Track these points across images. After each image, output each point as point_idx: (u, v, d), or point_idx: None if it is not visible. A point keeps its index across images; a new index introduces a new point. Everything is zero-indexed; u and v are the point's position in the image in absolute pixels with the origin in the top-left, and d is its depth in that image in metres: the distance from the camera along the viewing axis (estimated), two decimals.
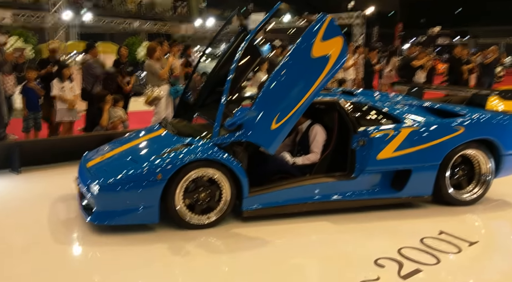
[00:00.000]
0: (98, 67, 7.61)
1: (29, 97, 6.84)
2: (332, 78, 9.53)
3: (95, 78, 7.56)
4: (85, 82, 7.56)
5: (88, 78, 7.54)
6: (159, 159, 3.71)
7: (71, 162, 5.72)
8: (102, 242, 3.60)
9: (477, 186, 4.53)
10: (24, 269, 3.16)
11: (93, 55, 7.78)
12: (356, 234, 3.84)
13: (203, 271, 3.20)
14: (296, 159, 4.38)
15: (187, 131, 4.38)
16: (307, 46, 3.83)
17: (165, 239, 3.66)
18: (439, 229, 3.91)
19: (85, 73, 7.61)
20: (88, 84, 7.52)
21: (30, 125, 6.85)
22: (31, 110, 6.84)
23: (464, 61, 12.53)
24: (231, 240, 3.70)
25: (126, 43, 26.27)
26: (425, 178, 4.31)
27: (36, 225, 3.93)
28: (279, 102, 3.82)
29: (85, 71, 7.62)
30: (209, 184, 3.84)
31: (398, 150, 4.19)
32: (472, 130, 4.39)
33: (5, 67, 6.08)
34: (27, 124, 6.81)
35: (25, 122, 6.87)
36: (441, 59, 24.60)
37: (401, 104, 4.73)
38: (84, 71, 7.63)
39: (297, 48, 3.86)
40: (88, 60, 7.65)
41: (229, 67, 4.14)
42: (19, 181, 5.22)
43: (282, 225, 3.97)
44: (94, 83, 7.55)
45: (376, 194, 4.30)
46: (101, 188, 3.62)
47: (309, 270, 3.23)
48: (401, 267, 3.22)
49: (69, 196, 4.59)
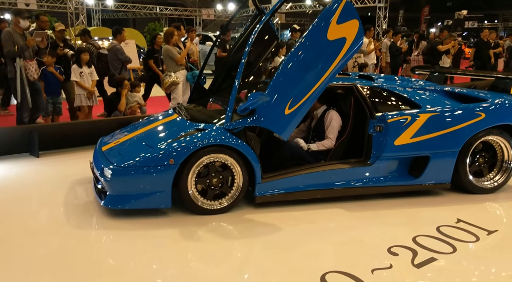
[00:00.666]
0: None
1: (48, 82, 6.91)
2: (355, 63, 9.41)
3: (123, 63, 7.62)
4: (113, 67, 7.57)
5: (116, 63, 7.57)
6: (172, 144, 3.70)
7: (89, 147, 5.81)
8: (116, 226, 3.63)
9: (499, 174, 4.39)
10: (39, 252, 3.21)
11: (120, 40, 7.76)
12: (371, 222, 3.77)
13: (215, 256, 3.19)
14: (310, 145, 4.31)
15: (201, 116, 4.36)
16: (322, 29, 3.72)
17: (177, 224, 3.66)
18: (457, 217, 3.81)
19: (112, 58, 7.60)
20: (115, 69, 7.56)
21: (49, 109, 6.94)
22: (50, 95, 6.92)
23: (493, 45, 12.15)
24: (244, 226, 3.68)
25: (147, 29, 26.42)
26: (444, 165, 4.19)
27: (53, 208, 4.00)
28: (293, 87, 3.75)
29: (112, 56, 7.60)
30: (222, 170, 3.81)
31: (416, 136, 4.08)
32: (494, 116, 4.23)
33: (27, 52, 6.13)
34: (46, 108, 6.91)
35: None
36: (467, 44, 23.92)
37: (421, 89, 4.59)
38: (112, 56, 7.61)
39: (312, 31, 3.76)
40: (116, 45, 7.66)
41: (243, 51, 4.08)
42: (38, 165, 5.31)
43: (295, 211, 3.93)
44: (121, 69, 7.62)
45: (393, 181, 4.20)
46: (114, 172, 3.64)
47: (321, 257, 3.18)
48: (415, 256, 3.14)
49: (86, 180, 4.66)
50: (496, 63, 12.72)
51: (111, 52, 7.62)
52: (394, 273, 2.92)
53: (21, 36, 6.15)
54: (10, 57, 6.09)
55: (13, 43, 6.01)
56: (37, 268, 2.98)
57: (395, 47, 10.97)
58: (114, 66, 7.55)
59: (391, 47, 10.93)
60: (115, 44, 7.67)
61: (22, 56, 6.10)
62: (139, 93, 7.09)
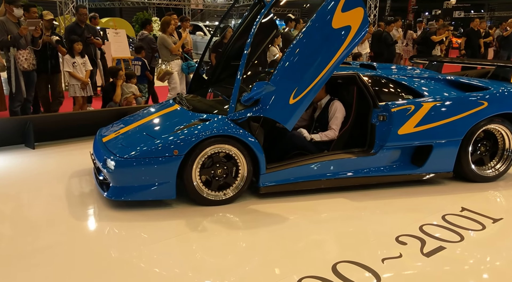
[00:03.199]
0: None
1: None
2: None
3: (154, 52, 8.00)
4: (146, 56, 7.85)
5: (147, 52, 7.90)
6: (175, 135, 3.64)
7: (84, 138, 5.73)
8: (119, 218, 3.57)
9: (500, 162, 4.42)
10: (41, 244, 3.14)
11: (149, 30, 8.39)
12: (375, 211, 3.77)
13: (220, 247, 3.16)
14: (313, 136, 4.28)
15: (203, 106, 4.29)
16: (326, 17, 3.67)
17: (182, 215, 3.62)
18: (461, 206, 3.83)
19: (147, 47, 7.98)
20: (147, 58, 7.83)
21: None
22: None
23: (483, 35, 12.20)
24: (248, 216, 3.65)
25: (135, 19, 26.07)
26: (447, 154, 4.20)
27: (52, 201, 3.92)
28: (297, 76, 3.70)
29: (145, 45, 7.97)
30: (226, 160, 3.77)
31: (419, 125, 4.08)
32: (496, 104, 4.24)
33: (20, 41, 5.97)
34: None
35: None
36: (457, 34, 24.02)
37: (423, 78, 4.58)
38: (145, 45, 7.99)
39: (316, 19, 3.71)
40: (147, 35, 8.14)
41: (243, 41, 4.01)
42: (34, 156, 5.21)
43: (299, 202, 3.91)
44: (152, 58, 8.02)
45: (396, 171, 4.20)
46: (117, 164, 3.57)
47: (327, 247, 3.17)
48: (424, 245, 3.15)
49: (84, 172, 4.58)
50: (486, 52, 12.80)
51: (144, 42, 8.05)
52: (404, 262, 2.92)
53: (15, 24, 5.99)
54: (2, 46, 5.95)
55: (6, 32, 5.86)
56: (37, 261, 2.91)
57: (388, 37, 10.91)
58: (147, 55, 7.87)
59: (385, 38, 10.84)
60: (147, 34, 8.29)
61: (16, 45, 5.95)
62: (134, 84, 6.97)
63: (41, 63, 6.57)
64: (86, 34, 7.56)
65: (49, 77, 6.94)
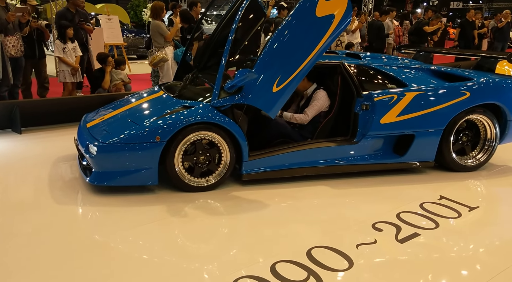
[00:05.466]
0: None
1: None
2: (338, 42, 9.36)
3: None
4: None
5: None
6: (158, 121, 3.67)
7: (71, 124, 5.73)
8: (102, 203, 3.61)
9: (481, 152, 4.47)
10: (24, 228, 3.18)
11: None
12: (356, 199, 3.83)
13: (202, 232, 3.21)
14: (285, 113, 4.31)
15: (187, 93, 4.31)
16: (310, 6, 3.68)
17: (164, 201, 3.67)
18: (440, 194, 3.89)
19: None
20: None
21: None
22: None
23: (479, 26, 12.20)
24: (230, 202, 3.70)
25: (130, 5, 25.82)
26: (428, 143, 4.25)
27: (37, 185, 3.95)
28: (281, 64, 3.72)
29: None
30: (209, 147, 3.81)
31: (401, 114, 4.12)
32: (478, 95, 4.29)
33: (8, 27, 5.94)
34: None
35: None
36: (453, 25, 23.96)
37: (407, 67, 4.61)
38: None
39: (300, 7, 3.71)
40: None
41: (230, 28, 4.02)
42: (20, 141, 5.23)
43: (281, 189, 3.96)
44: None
45: (378, 159, 4.25)
46: (99, 149, 3.60)
47: (307, 233, 3.22)
48: (399, 231, 3.21)
49: (70, 157, 4.61)
50: (480, 43, 12.80)
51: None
52: (378, 248, 2.98)
53: (3, 9, 5.95)
54: None
55: None
56: (21, 245, 2.95)
57: (382, 28, 10.83)
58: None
59: (379, 28, 10.78)
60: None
61: (3, 31, 5.92)
62: (124, 70, 6.97)
63: (27, 48, 6.53)
64: (77, 20, 7.51)
65: (35, 62, 6.89)
